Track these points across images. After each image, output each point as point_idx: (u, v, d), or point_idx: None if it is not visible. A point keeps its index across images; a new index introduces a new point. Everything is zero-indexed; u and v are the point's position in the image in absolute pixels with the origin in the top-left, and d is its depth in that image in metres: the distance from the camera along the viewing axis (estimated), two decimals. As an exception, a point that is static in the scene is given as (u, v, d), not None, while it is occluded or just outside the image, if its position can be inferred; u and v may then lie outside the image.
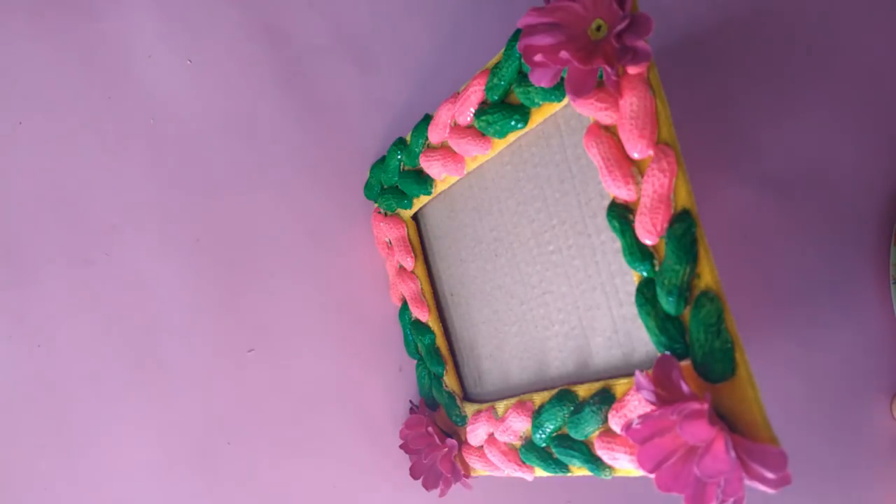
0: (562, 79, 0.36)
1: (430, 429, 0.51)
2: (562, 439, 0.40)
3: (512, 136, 0.43)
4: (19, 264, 0.52)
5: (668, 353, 0.33)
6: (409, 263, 0.55)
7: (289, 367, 0.55)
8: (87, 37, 0.55)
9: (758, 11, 0.63)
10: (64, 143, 0.54)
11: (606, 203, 0.38)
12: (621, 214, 0.35)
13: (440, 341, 0.54)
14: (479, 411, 0.49)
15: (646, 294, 0.34)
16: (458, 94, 0.45)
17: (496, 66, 0.41)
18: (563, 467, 0.41)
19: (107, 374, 0.52)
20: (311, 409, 0.55)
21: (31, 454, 0.50)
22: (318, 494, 0.54)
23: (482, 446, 0.48)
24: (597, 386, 0.39)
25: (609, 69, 0.32)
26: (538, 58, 0.34)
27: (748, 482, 0.28)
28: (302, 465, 0.54)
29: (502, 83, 0.41)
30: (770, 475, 0.28)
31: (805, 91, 0.63)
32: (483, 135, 0.44)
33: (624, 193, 0.35)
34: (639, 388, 0.32)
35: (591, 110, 0.35)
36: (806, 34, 0.64)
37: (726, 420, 0.30)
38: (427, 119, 0.49)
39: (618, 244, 0.38)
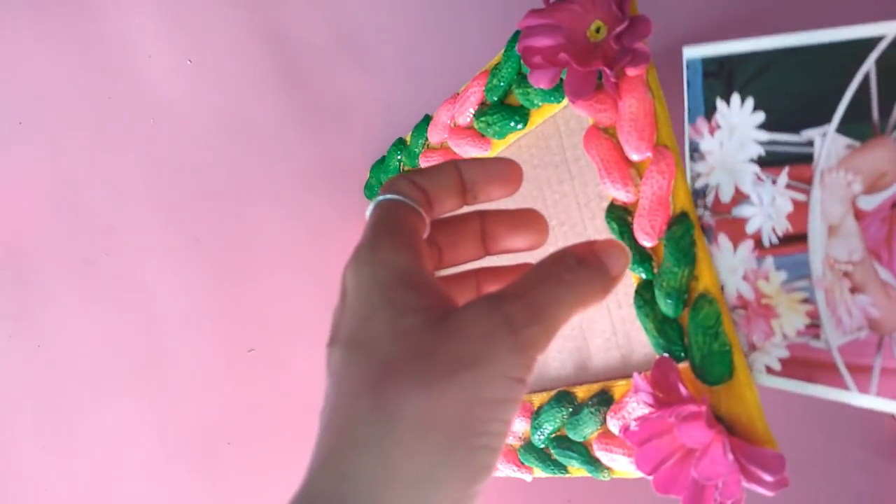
0: (561, 80, 0.36)
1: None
2: (560, 440, 0.40)
3: (511, 137, 0.43)
4: (19, 264, 0.52)
5: (666, 355, 0.33)
6: (408, 264, 0.54)
7: (289, 367, 0.55)
8: (87, 37, 0.55)
9: (758, 11, 0.63)
10: (64, 143, 0.54)
11: (605, 205, 0.38)
12: (620, 216, 0.35)
13: (440, 341, 0.54)
14: (478, 412, 0.49)
15: (644, 296, 0.34)
16: (458, 94, 0.45)
17: (496, 67, 0.41)
18: (562, 468, 0.41)
19: (107, 374, 0.52)
20: (311, 409, 0.55)
21: (31, 454, 0.51)
22: (318, 494, 0.54)
23: (481, 447, 0.48)
24: (595, 387, 0.39)
25: (608, 71, 0.32)
26: (537, 59, 0.34)
27: (746, 485, 0.28)
28: (302, 466, 0.54)
29: (502, 84, 0.41)
30: (768, 478, 0.28)
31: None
32: (482, 135, 0.44)
33: (623, 195, 0.35)
34: (637, 391, 0.32)
35: (590, 112, 0.35)
36: (807, 34, 0.63)
37: (724, 422, 0.30)
38: (427, 119, 0.49)
39: (617, 246, 0.38)
